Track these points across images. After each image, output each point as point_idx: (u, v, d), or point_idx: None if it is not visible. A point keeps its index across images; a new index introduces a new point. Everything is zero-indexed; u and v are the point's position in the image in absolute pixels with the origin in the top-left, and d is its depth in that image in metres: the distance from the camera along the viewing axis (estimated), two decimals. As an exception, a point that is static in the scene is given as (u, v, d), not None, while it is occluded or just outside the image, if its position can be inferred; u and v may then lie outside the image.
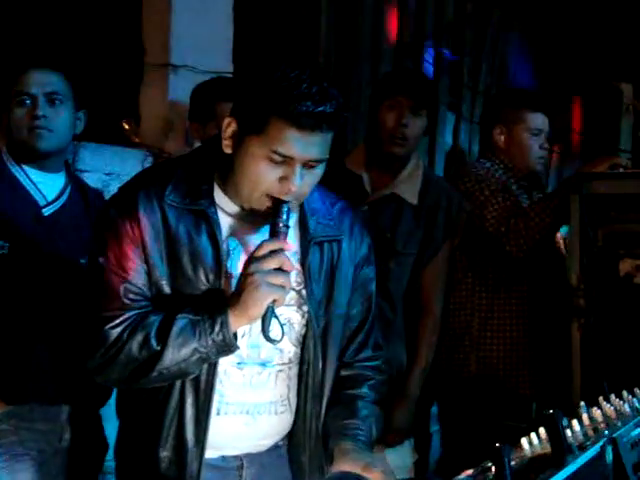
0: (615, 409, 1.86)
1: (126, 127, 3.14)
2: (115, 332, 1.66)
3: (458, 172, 3.36)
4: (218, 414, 1.73)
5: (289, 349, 1.78)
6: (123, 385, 1.76)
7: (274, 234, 1.65)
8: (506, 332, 2.98)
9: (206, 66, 3.22)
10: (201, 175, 1.72)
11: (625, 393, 1.95)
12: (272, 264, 1.61)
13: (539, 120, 3.05)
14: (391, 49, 4.40)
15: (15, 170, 2.27)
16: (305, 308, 1.77)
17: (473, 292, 3.01)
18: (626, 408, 1.89)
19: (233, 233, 1.72)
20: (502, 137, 3.04)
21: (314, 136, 1.60)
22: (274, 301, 1.62)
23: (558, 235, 3.13)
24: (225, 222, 1.72)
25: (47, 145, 2.25)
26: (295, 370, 1.80)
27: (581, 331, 2.82)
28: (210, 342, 1.64)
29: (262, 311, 1.62)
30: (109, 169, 2.94)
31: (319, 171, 1.68)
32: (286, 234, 1.65)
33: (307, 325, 1.78)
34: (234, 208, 1.73)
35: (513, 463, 1.56)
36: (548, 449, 1.67)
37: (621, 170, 2.92)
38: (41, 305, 2.21)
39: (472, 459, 1.56)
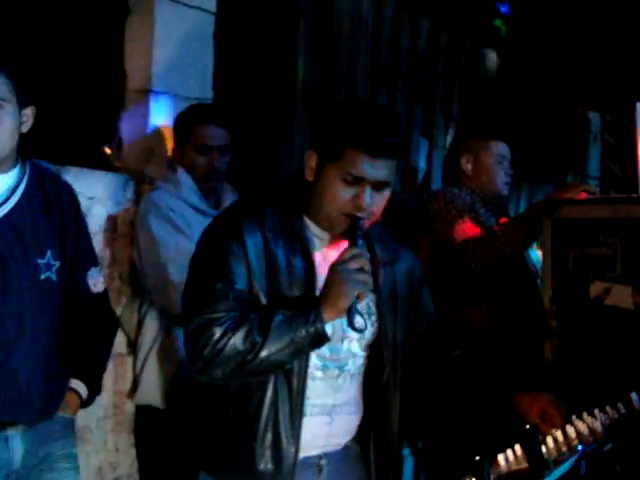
0: (587, 426, 1.93)
1: (108, 152, 3.17)
2: (221, 329, 1.86)
3: (429, 196, 3.49)
4: (305, 415, 1.95)
5: (360, 354, 2.02)
6: (226, 380, 1.92)
7: (353, 243, 1.92)
8: (487, 347, 3.06)
9: (186, 93, 3.28)
10: (291, 204, 2.00)
11: (597, 411, 2.01)
12: (355, 265, 1.86)
13: (503, 148, 3.28)
14: (366, 77, 4.48)
15: None
16: (374, 318, 2.03)
17: (449, 310, 3.10)
18: (598, 425, 1.95)
19: (319, 251, 2.00)
20: (469, 165, 3.25)
21: (380, 161, 1.89)
22: (358, 296, 1.86)
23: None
24: (313, 242, 2.00)
25: None
26: (362, 374, 2.06)
27: (553, 351, 2.90)
28: (304, 333, 1.85)
29: (348, 304, 1.86)
30: (91, 193, 2.94)
31: (386, 194, 1.96)
32: (361, 243, 1.93)
33: (376, 334, 2.04)
34: (318, 231, 2.00)
35: (491, 478, 1.62)
36: (524, 465, 1.73)
37: (590, 196, 3.03)
38: None
39: (452, 475, 1.61)
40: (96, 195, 2.97)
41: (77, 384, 2.28)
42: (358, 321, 1.88)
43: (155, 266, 2.81)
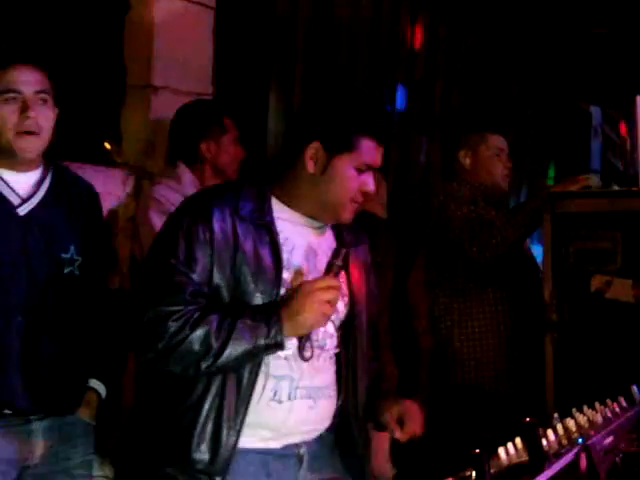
0: (588, 419, 1.93)
1: (108, 147, 3.18)
2: (177, 325, 1.81)
3: (431, 190, 3.51)
4: (289, 399, 1.91)
5: (335, 334, 2.00)
6: (177, 372, 1.88)
7: (331, 272, 1.88)
8: (489, 339, 3.07)
9: (186, 88, 3.28)
10: (263, 193, 1.95)
11: (597, 404, 2.02)
12: (327, 296, 1.84)
13: (500, 141, 3.28)
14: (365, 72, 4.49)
15: None
16: (346, 300, 2.00)
17: (450, 303, 3.11)
18: (598, 418, 1.95)
19: (292, 239, 1.95)
20: (467, 160, 3.24)
21: (382, 149, 1.98)
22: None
23: None
24: (285, 231, 1.94)
25: (33, 153, 2.13)
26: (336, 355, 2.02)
27: (554, 345, 2.90)
28: (263, 343, 1.83)
29: (307, 332, 1.88)
30: (91, 188, 2.95)
31: None
32: (339, 274, 1.91)
33: (348, 312, 2.01)
34: (298, 217, 1.97)
35: (492, 471, 1.61)
36: (524, 457, 1.73)
37: (591, 189, 3.03)
38: (17, 307, 2.10)
39: (452, 468, 1.61)
40: (96, 190, 2.97)
41: (95, 383, 2.28)
42: (307, 352, 1.90)
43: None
